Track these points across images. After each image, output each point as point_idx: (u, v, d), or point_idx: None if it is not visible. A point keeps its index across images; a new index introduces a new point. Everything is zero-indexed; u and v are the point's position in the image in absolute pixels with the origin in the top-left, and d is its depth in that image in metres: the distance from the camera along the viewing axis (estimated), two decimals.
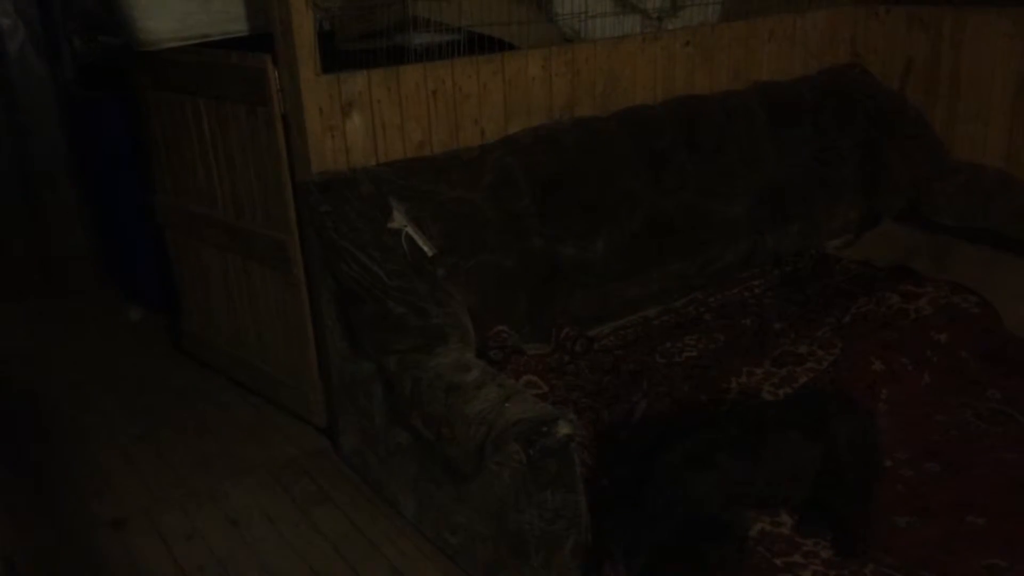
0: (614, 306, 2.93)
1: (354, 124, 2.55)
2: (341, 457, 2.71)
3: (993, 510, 2.00)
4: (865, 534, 1.92)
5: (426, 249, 2.46)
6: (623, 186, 2.94)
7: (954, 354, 2.56)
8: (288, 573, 2.25)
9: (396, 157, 2.64)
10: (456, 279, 2.51)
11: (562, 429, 1.83)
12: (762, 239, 3.30)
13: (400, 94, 2.62)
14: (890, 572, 1.84)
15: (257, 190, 2.76)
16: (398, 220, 2.45)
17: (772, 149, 3.36)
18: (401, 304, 2.27)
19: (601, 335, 2.85)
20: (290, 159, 2.58)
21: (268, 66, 2.49)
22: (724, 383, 2.46)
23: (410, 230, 2.45)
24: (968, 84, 3.46)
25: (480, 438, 1.91)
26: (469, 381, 2.05)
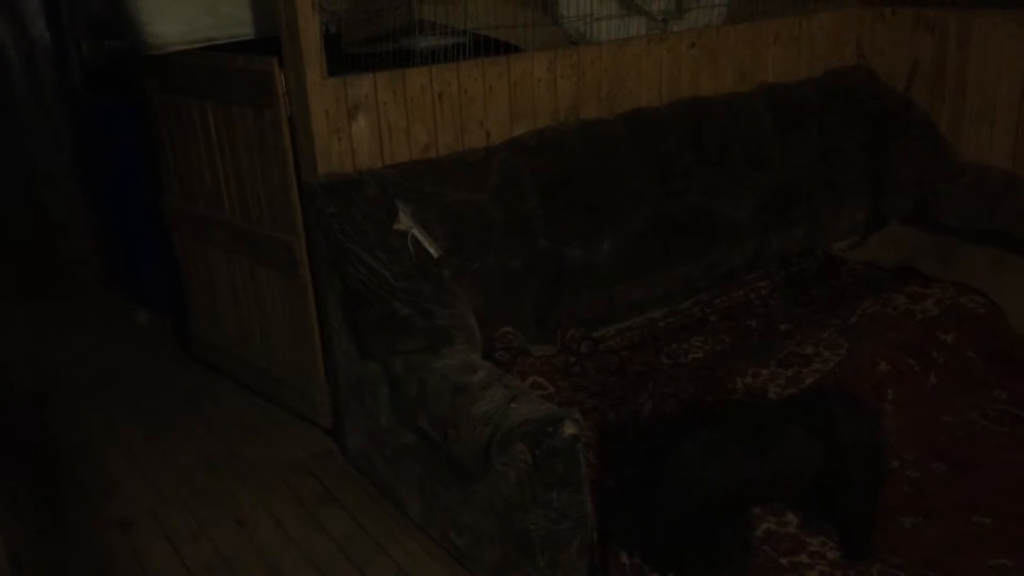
0: (620, 307, 2.94)
1: (360, 127, 2.56)
2: (347, 458, 2.72)
3: (1000, 510, 2.00)
4: (871, 534, 1.91)
5: (432, 251, 2.46)
6: (629, 188, 2.94)
7: (961, 355, 2.56)
8: (294, 573, 2.26)
9: (402, 159, 2.65)
10: (462, 280, 2.52)
11: (568, 429, 1.84)
12: (768, 240, 3.29)
13: (406, 97, 2.63)
14: (896, 572, 1.84)
15: (264, 192, 2.77)
16: (404, 222, 2.46)
17: (778, 151, 3.36)
18: (407, 305, 2.27)
19: (607, 336, 2.86)
20: (296, 161, 2.59)
21: (275, 69, 2.50)
22: (730, 384, 2.46)
23: (416, 232, 2.46)
24: (974, 85, 3.45)
25: (486, 439, 1.92)
26: (475, 382, 2.05)
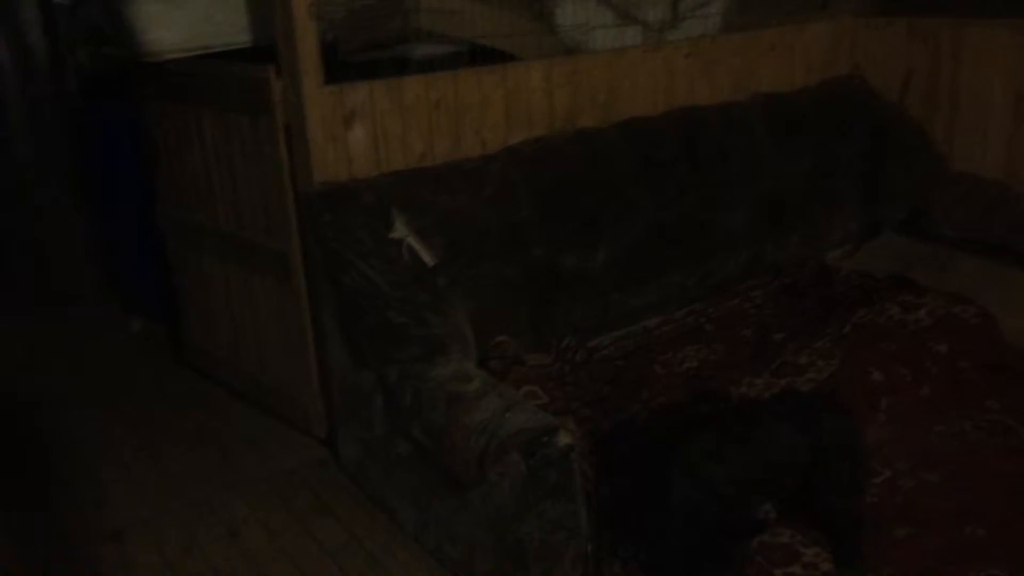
0: (614, 316, 2.94)
1: (356, 135, 2.56)
2: (341, 468, 2.71)
3: (993, 520, 2.00)
4: (859, 537, 1.92)
5: (427, 259, 2.46)
6: (624, 196, 2.95)
7: (954, 365, 2.56)
8: None
9: (398, 167, 2.65)
10: (457, 289, 2.52)
11: (562, 439, 1.84)
12: (762, 249, 3.30)
13: (402, 105, 2.63)
14: None
15: (259, 200, 2.77)
16: (399, 230, 2.46)
17: (772, 160, 3.37)
18: (402, 314, 2.27)
19: (601, 345, 2.86)
20: (292, 169, 2.59)
21: (271, 77, 2.50)
22: (724, 393, 2.46)
23: (411, 240, 2.46)
24: (967, 96, 3.47)
25: (481, 448, 1.91)
26: (470, 391, 2.05)
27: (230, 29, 2.73)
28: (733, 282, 3.22)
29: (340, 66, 2.59)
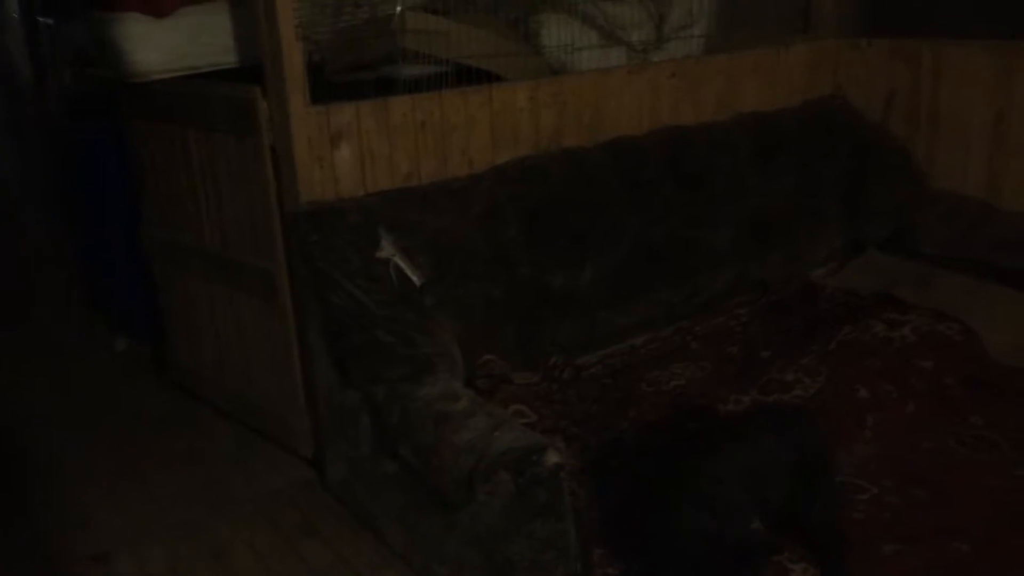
0: (601, 334, 2.94)
1: (343, 155, 2.57)
2: (327, 488, 2.69)
3: (979, 537, 2.01)
4: (845, 554, 1.93)
5: (414, 278, 2.47)
6: (610, 216, 2.96)
7: (938, 381, 2.58)
8: None
9: (384, 187, 2.66)
10: (444, 308, 2.52)
11: (551, 458, 1.83)
12: (747, 267, 3.32)
13: (389, 125, 2.64)
14: None
15: (245, 220, 2.77)
16: (386, 250, 2.46)
17: (756, 179, 3.39)
18: (389, 333, 2.27)
19: (589, 363, 2.86)
20: (278, 189, 2.59)
21: (257, 97, 2.51)
22: (711, 411, 2.47)
23: (398, 260, 2.46)
24: (948, 115, 3.51)
25: (469, 468, 1.91)
26: (458, 410, 2.05)
27: (216, 50, 2.74)
28: (719, 300, 3.23)
29: (326, 87, 2.60)
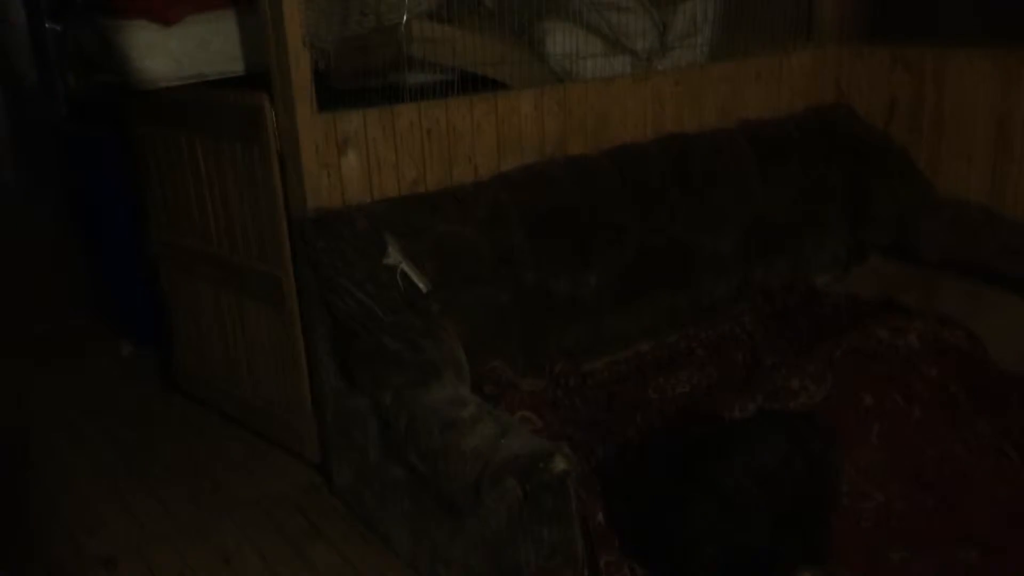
0: (607, 340, 2.95)
1: (349, 161, 2.58)
2: (334, 493, 2.70)
3: (987, 544, 2.02)
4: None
5: (421, 285, 2.48)
6: (614, 221, 2.97)
7: (944, 388, 2.58)
8: None
9: (391, 194, 2.67)
10: (451, 314, 2.53)
11: (558, 464, 1.84)
12: (751, 273, 3.33)
13: (395, 132, 2.65)
14: None
15: (252, 226, 2.78)
16: (393, 256, 2.47)
17: (760, 185, 3.40)
18: (396, 339, 2.28)
19: (595, 370, 2.87)
20: (285, 196, 2.60)
21: (265, 104, 2.52)
22: (717, 418, 2.47)
23: (405, 266, 2.47)
24: (951, 122, 3.52)
25: (476, 473, 1.92)
26: (465, 416, 2.05)
27: (224, 58, 2.75)
28: (724, 306, 3.24)
29: (333, 94, 2.61)
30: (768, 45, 3.62)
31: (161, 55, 2.70)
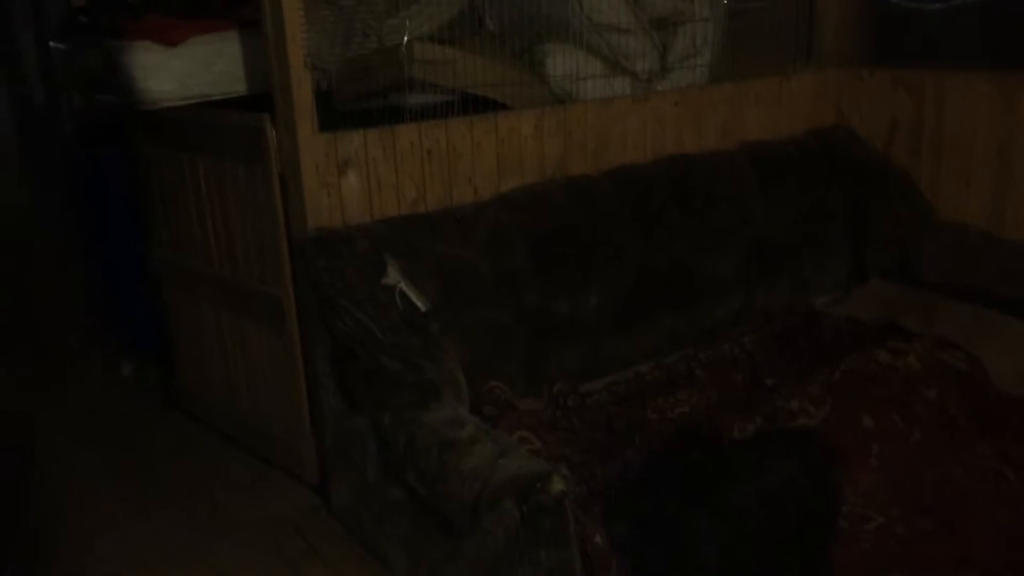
0: (606, 361, 2.95)
1: (350, 182, 2.59)
2: (333, 514, 2.69)
3: (986, 568, 2.00)
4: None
5: (420, 305, 2.48)
6: (615, 242, 2.98)
7: (944, 411, 2.58)
8: None
9: (391, 214, 2.68)
10: (450, 334, 2.53)
11: (556, 485, 1.83)
12: (752, 295, 3.33)
13: (395, 152, 2.67)
14: None
15: (253, 246, 2.79)
16: (393, 276, 2.47)
17: (761, 207, 3.41)
18: (396, 360, 2.28)
19: (594, 390, 2.86)
20: (286, 216, 2.61)
21: (266, 125, 2.54)
22: (716, 439, 2.47)
23: (404, 286, 2.47)
24: (951, 145, 3.53)
25: (474, 494, 1.91)
26: (463, 437, 2.05)
27: (228, 78, 2.78)
28: (724, 327, 3.23)
29: (334, 114, 2.63)
30: (768, 67, 3.63)
31: (165, 76, 2.72)
